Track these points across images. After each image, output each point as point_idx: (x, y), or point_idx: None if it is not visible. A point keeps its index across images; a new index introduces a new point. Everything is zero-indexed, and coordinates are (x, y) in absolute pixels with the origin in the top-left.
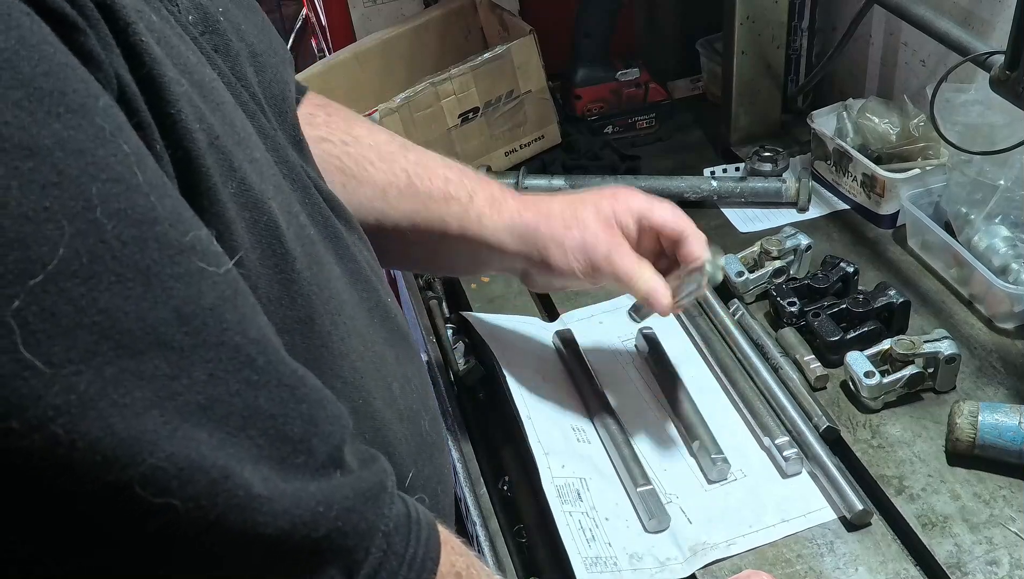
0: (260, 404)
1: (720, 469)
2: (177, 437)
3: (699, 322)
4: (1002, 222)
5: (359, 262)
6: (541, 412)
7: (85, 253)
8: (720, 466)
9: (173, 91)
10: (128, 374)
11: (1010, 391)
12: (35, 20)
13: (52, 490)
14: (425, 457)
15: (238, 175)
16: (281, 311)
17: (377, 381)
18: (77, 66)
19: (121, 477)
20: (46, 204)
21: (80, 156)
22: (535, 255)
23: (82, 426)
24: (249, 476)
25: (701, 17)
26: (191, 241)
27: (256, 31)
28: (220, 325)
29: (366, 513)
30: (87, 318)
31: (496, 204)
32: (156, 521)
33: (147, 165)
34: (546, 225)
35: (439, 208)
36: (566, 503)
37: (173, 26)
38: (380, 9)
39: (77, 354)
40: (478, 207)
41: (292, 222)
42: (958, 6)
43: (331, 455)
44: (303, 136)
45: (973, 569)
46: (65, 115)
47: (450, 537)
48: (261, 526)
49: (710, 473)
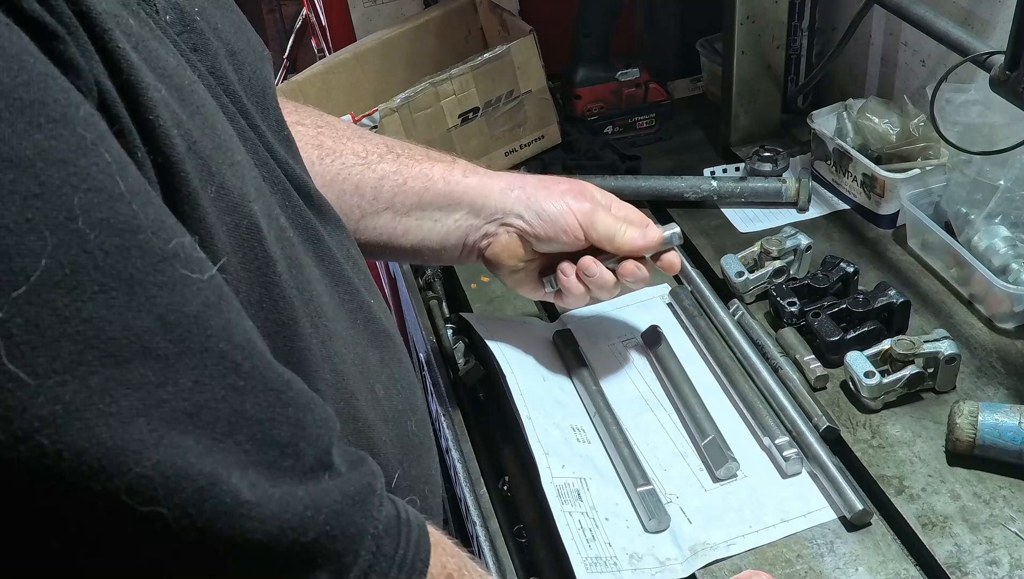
0: (247, 409)
1: (729, 467)
2: (163, 445)
3: (699, 322)
4: (1002, 222)
5: (340, 264)
6: (541, 412)
7: (68, 263)
8: (729, 465)
9: (151, 97)
10: (113, 383)
11: (1010, 391)
12: (14, 30)
13: (38, 501)
14: (412, 458)
15: (217, 179)
16: (263, 315)
17: (360, 383)
18: (57, 75)
19: (108, 487)
20: (28, 216)
21: (62, 166)
22: (524, 209)
23: (68, 436)
24: (236, 482)
25: (701, 17)
26: (174, 248)
27: (233, 29)
28: (205, 331)
29: (355, 516)
30: (71, 328)
31: (476, 169)
32: (143, 530)
33: (129, 173)
34: (533, 185)
35: (421, 166)
36: (566, 503)
37: (152, 29)
38: (380, 9)
39: (62, 364)
40: (461, 165)
41: (272, 225)
42: (958, 6)
43: (319, 458)
44: (289, 132)
45: (973, 569)
46: (46, 125)
47: (441, 538)
48: (249, 532)
49: (718, 471)
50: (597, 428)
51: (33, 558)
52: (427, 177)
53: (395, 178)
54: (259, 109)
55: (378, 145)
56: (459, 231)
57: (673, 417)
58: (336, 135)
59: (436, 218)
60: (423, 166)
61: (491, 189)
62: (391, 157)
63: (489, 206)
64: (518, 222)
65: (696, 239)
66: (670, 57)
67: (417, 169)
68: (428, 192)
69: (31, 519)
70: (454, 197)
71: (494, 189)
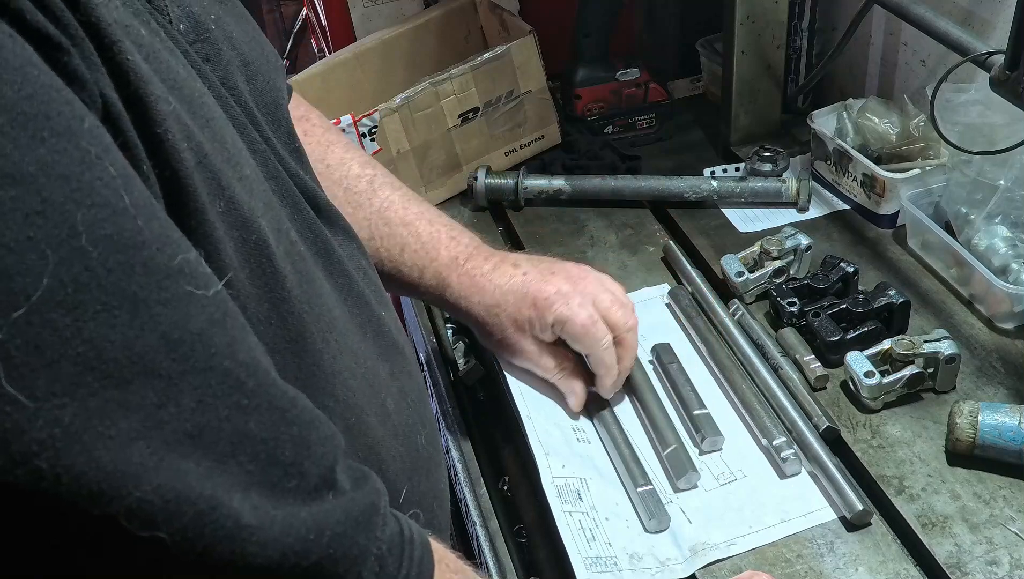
0: (250, 428)
1: (712, 441)
2: (163, 468)
3: (699, 322)
4: (1002, 222)
5: (351, 276)
6: (541, 412)
7: (70, 282)
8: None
9: (160, 110)
10: (113, 405)
11: (1010, 391)
12: (17, 41)
13: (36, 525)
14: (421, 473)
15: (227, 193)
16: (271, 331)
17: (370, 398)
18: (61, 87)
19: (107, 511)
20: (30, 234)
21: (65, 182)
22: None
23: (66, 460)
24: (238, 505)
25: (701, 17)
26: (179, 265)
27: (247, 39)
28: (208, 349)
29: (358, 537)
30: (72, 349)
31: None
32: (142, 554)
33: (134, 187)
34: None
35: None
36: (566, 503)
37: (163, 39)
38: (380, 9)
39: (61, 387)
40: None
41: (282, 239)
42: (958, 6)
43: (323, 477)
44: (300, 144)
45: (973, 569)
46: (50, 139)
47: (446, 554)
48: (250, 556)
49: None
50: (597, 428)
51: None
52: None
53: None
54: (270, 121)
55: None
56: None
57: (673, 417)
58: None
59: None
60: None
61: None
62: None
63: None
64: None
65: (696, 239)
66: (670, 57)
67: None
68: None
69: (28, 542)
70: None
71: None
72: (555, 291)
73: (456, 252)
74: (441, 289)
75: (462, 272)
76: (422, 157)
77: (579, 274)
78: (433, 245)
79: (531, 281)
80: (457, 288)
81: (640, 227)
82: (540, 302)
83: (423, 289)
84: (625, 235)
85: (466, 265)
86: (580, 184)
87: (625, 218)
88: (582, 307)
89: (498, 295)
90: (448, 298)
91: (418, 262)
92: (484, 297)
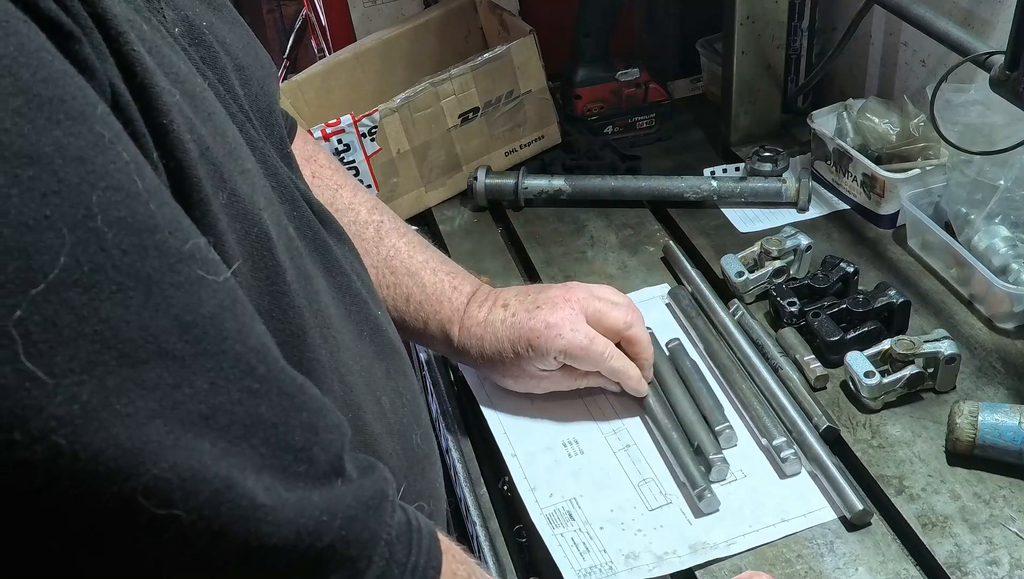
0: (262, 413)
1: (719, 470)
2: (180, 447)
3: (699, 322)
4: (1002, 222)
5: (348, 275)
6: (528, 440)
7: (86, 261)
8: (719, 467)
9: (165, 101)
10: (130, 384)
11: (1010, 391)
12: (32, 27)
13: (54, 501)
14: (417, 471)
15: (229, 185)
16: (272, 324)
17: (367, 395)
18: (74, 73)
19: (124, 488)
20: (47, 212)
21: (80, 163)
22: (521, 345)
23: (85, 437)
24: (252, 486)
25: (701, 17)
26: (191, 249)
27: (241, 44)
28: (221, 333)
29: (368, 522)
30: (89, 327)
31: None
32: (160, 532)
33: (145, 173)
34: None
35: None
36: (557, 527)
37: (164, 36)
38: (380, 9)
39: (79, 364)
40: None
41: (282, 234)
42: (958, 6)
43: (332, 463)
44: (291, 149)
45: (973, 569)
46: (65, 122)
47: (451, 545)
48: (265, 536)
49: (710, 473)
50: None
51: (48, 558)
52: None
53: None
54: (264, 125)
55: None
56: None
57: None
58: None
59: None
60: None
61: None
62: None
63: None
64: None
65: (696, 239)
66: (670, 57)
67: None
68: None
69: (47, 519)
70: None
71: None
72: (544, 326)
73: (459, 304)
74: (447, 342)
75: (462, 326)
76: (422, 157)
77: (564, 296)
78: (436, 297)
79: (520, 321)
80: (458, 341)
81: (640, 227)
82: (534, 341)
83: (428, 339)
84: (625, 235)
85: (464, 317)
86: (580, 184)
87: (625, 218)
88: (574, 332)
89: (495, 343)
90: (455, 349)
91: (422, 314)
92: (484, 347)
